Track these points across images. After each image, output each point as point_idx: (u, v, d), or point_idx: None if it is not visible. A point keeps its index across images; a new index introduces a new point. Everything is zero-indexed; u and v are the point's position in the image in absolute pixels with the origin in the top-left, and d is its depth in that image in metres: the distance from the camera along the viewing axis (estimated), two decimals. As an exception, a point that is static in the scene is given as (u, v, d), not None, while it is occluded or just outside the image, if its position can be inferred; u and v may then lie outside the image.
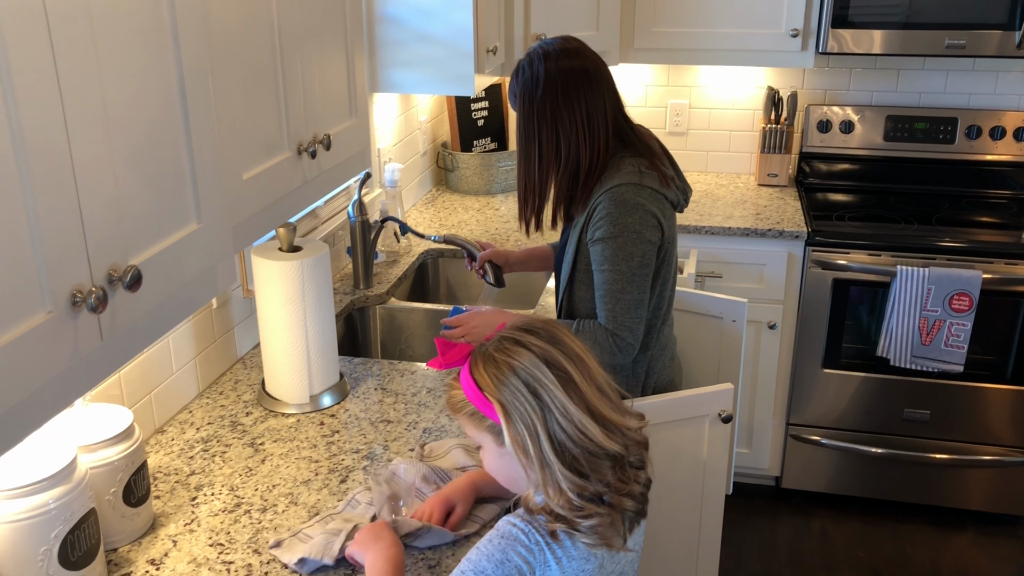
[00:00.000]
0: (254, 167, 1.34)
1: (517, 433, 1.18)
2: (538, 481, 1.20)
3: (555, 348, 1.21)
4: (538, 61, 1.83)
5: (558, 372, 1.19)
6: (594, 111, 1.82)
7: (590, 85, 1.82)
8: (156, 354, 1.73)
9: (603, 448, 1.19)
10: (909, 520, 3.12)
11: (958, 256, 2.82)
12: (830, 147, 3.36)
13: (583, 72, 1.82)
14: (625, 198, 1.78)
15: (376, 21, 2.61)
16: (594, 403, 1.20)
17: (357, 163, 1.77)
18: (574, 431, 1.18)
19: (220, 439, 1.72)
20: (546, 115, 1.81)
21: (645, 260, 1.80)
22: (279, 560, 1.38)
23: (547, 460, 1.18)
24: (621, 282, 1.79)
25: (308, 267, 1.74)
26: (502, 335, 1.24)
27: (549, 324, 1.26)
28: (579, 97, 1.80)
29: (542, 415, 1.17)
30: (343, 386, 1.89)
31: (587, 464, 1.18)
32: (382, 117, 2.82)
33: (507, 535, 1.20)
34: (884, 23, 2.90)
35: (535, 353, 1.20)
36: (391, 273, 2.56)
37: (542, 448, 1.17)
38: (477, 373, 1.22)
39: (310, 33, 1.48)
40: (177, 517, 1.49)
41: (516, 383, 1.18)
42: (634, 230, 1.78)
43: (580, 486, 1.18)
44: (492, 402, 1.19)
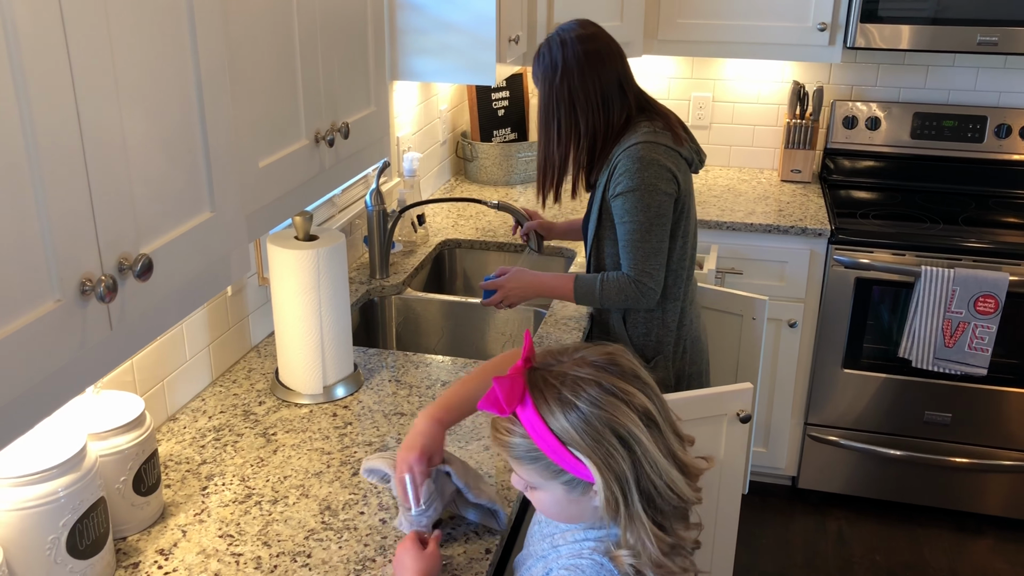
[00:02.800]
0: (271, 155, 1.32)
1: (611, 492, 1.08)
2: (621, 537, 1.12)
3: (626, 383, 1.10)
4: (556, 47, 2.00)
5: (637, 410, 1.09)
6: (609, 89, 1.99)
7: (603, 65, 1.98)
8: (170, 341, 1.72)
9: (686, 499, 1.11)
10: (927, 524, 3.07)
11: (984, 257, 2.77)
12: (856, 144, 3.31)
13: (596, 54, 1.98)
14: (641, 155, 1.93)
15: (397, 8, 2.59)
16: (674, 447, 1.12)
17: (375, 151, 1.74)
18: (662, 484, 1.09)
19: (232, 428, 1.71)
20: (564, 97, 1.98)
21: (662, 211, 1.95)
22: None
23: (638, 515, 1.09)
24: (641, 231, 1.94)
25: (324, 256, 1.72)
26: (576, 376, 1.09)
27: (613, 353, 1.14)
28: (594, 77, 1.97)
29: (633, 467, 1.07)
30: (357, 377, 1.87)
31: (672, 517, 1.12)
32: (402, 105, 2.79)
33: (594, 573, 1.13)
34: (914, 18, 2.84)
35: (617, 396, 1.08)
36: (408, 263, 2.54)
37: (633, 504, 1.08)
38: (554, 422, 1.08)
39: (330, 20, 1.46)
40: (187, 507, 1.48)
41: (603, 430, 1.06)
42: (651, 183, 1.92)
43: (664, 541, 1.10)
44: (582, 460, 1.07)
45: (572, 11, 2.88)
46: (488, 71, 2.59)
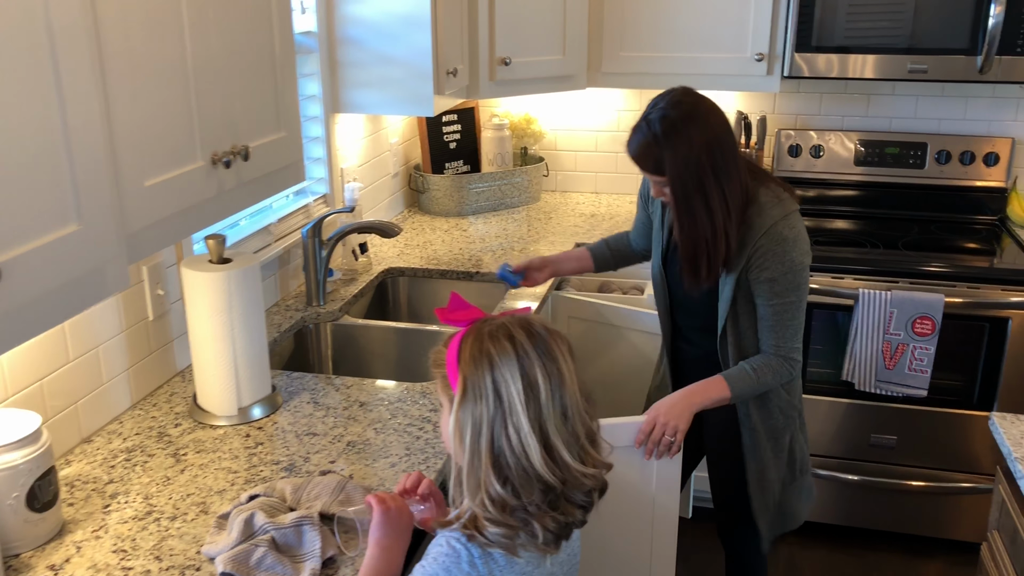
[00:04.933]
0: (160, 174, 1.36)
1: (461, 419, 1.19)
2: (463, 467, 1.20)
3: (540, 359, 1.18)
4: (682, 120, 1.84)
5: (528, 383, 1.17)
6: (734, 156, 1.88)
7: (729, 131, 1.90)
8: (84, 364, 1.75)
9: (538, 472, 1.17)
10: (878, 548, 3.07)
11: (920, 280, 2.81)
12: (801, 172, 3.36)
13: (722, 120, 1.89)
14: (784, 235, 1.88)
15: (338, 43, 2.65)
16: (549, 428, 1.18)
17: (288, 177, 1.78)
18: (518, 445, 1.17)
19: (145, 449, 1.73)
20: (707, 168, 1.84)
21: (806, 287, 1.94)
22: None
23: (478, 455, 1.18)
24: (791, 311, 1.92)
25: (235, 279, 1.75)
26: (503, 321, 1.22)
27: (551, 334, 1.22)
28: (729, 143, 1.88)
29: (493, 416, 1.17)
30: (275, 399, 1.90)
31: (517, 478, 1.18)
32: (346, 138, 2.85)
33: (448, 553, 1.19)
34: (847, 47, 2.91)
35: (518, 355, 1.18)
36: (347, 291, 2.57)
37: (480, 444, 1.17)
38: (464, 344, 1.21)
39: (228, 44, 1.50)
40: (86, 524, 1.50)
41: (486, 374, 1.18)
42: (798, 262, 1.90)
43: (501, 496, 1.17)
44: (459, 377, 1.19)
45: (514, 45, 2.95)
46: (427, 103, 2.65)
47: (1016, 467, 1.66)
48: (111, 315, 1.81)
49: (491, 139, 3.39)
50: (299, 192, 2.71)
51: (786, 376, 1.98)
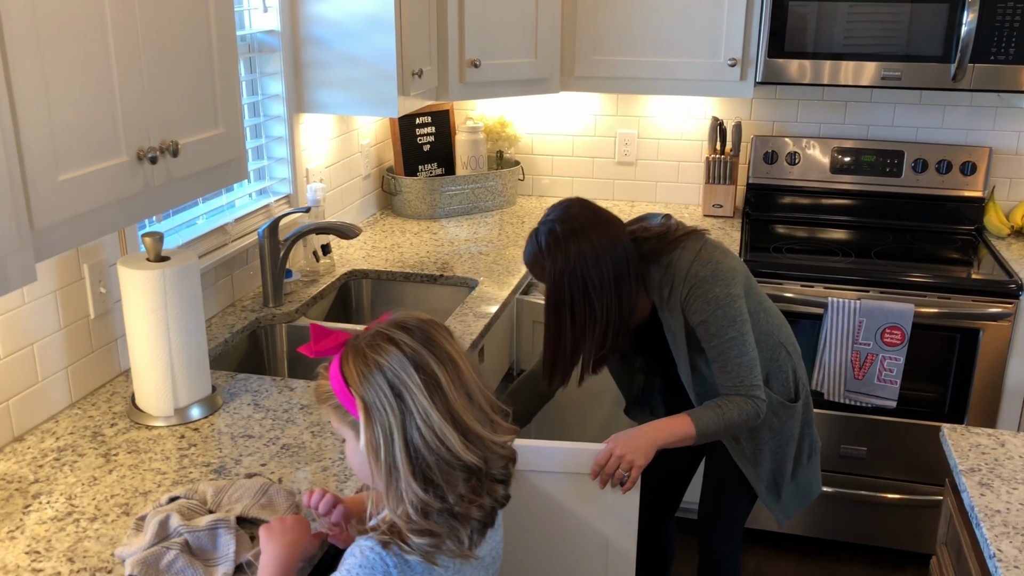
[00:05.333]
0: (76, 169, 1.33)
1: (373, 435, 1.17)
2: (381, 487, 1.18)
3: (427, 350, 1.19)
4: (560, 236, 1.84)
5: (425, 376, 1.17)
6: (619, 268, 1.85)
7: (613, 248, 1.85)
8: (18, 361, 1.72)
9: (459, 458, 1.17)
10: (848, 560, 3.03)
11: (891, 289, 2.77)
12: (776, 179, 3.33)
13: (608, 241, 1.85)
14: (700, 275, 1.86)
15: (302, 42, 2.64)
16: (458, 411, 1.18)
17: (229, 173, 1.76)
18: (432, 438, 1.16)
19: (76, 449, 1.70)
20: (577, 286, 1.84)
21: (742, 316, 1.88)
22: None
23: (396, 467, 1.16)
24: (735, 347, 1.87)
25: (171, 277, 1.73)
26: (377, 329, 1.21)
27: (426, 323, 1.23)
28: (606, 262, 1.84)
29: (401, 419, 1.16)
30: (214, 400, 1.87)
31: (440, 473, 1.17)
32: (312, 138, 2.82)
33: (363, 563, 1.17)
34: (820, 53, 2.88)
35: (405, 353, 1.17)
36: (306, 292, 2.55)
37: (395, 454, 1.16)
38: (346, 367, 1.19)
39: (157, 38, 1.48)
40: (3, 524, 1.47)
41: (381, 383, 1.16)
42: (723, 296, 1.86)
43: (424, 501, 1.16)
44: (355, 399, 1.17)
45: (484, 48, 2.93)
46: (391, 104, 2.62)
47: (961, 480, 1.63)
48: (48, 312, 1.79)
49: (465, 142, 3.37)
50: (261, 192, 2.68)
51: (752, 415, 1.89)
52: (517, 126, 3.53)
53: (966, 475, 1.64)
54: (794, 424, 2.11)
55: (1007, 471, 1.65)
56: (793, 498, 2.19)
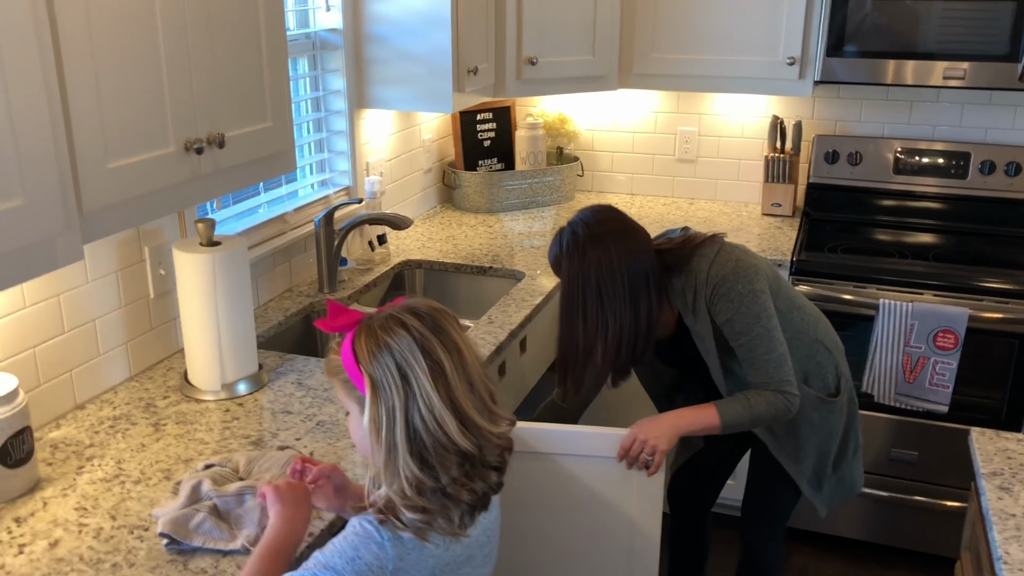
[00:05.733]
0: (126, 157, 1.44)
1: (377, 413, 1.22)
2: (380, 463, 1.25)
3: (435, 336, 1.24)
4: (581, 238, 1.87)
5: (431, 362, 1.22)
6: (636, 281, 1.86)
7: (633, 258, 1.86)
8: (80, 335, 1.86)
9: (455, 443, 1.23)
10: (896, 565, 2.99)
11: (945, 292, 2.73)
12: (837, 178, 3.30)
13: (629, 250, 1.87)
14: (721, 275, 1.88)
15: (363, 40, 2.74)
16: (459, 399, 1.24)
17: (277, 165, 1.86)
18: (432, 422, 1.22)
19: (130, 418, 1.84)
20: (592, 289, 1.86)
21: (768, 311, 1.89)
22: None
23: (395, 445, 1.22)
24: (762, 344, 1.88)
25: (220, 261, 1.84)
26: (390, 312, 1.27)
27: (436, 311, 1.29)
28: (624, 276, 1.85)
29: (405, 400, 1.22)
30: (260, 377, 1.98)
31: (435, 455, 1.23)
32: (374, 132, 2.93)
33: (359, 533, 1.24)
34: (879, 52, 2.85)
35: (414, 338, 1.23)
36: (360, 280, 2.65)
37: (395, 432, 1.22)
38: (358, 344, 1.25)
39: (204, 37, 1.59)
40: (59, 483, 1.60)
41: (389, 363, 1.22)
42: (747, 292, 1.87)
43: (419, 478, 1.22)
44: (364, 376, 1.23)
45: (542, 45, 2.99)
46: (445, 100, 2.71)
47: (981, 483, 1.62)
48: (110, 291, 1.93)
49: (525, 138, 3.43)
50: (322, 183, 2.80)
51: (783, 409, 1.90)
52: (577, 123, 3.57)
53: (987, 478, 1.63)
54: (836, 419, 2.11)
55: (1030, 476, 1.63)
56: (835, 490, 2.19)
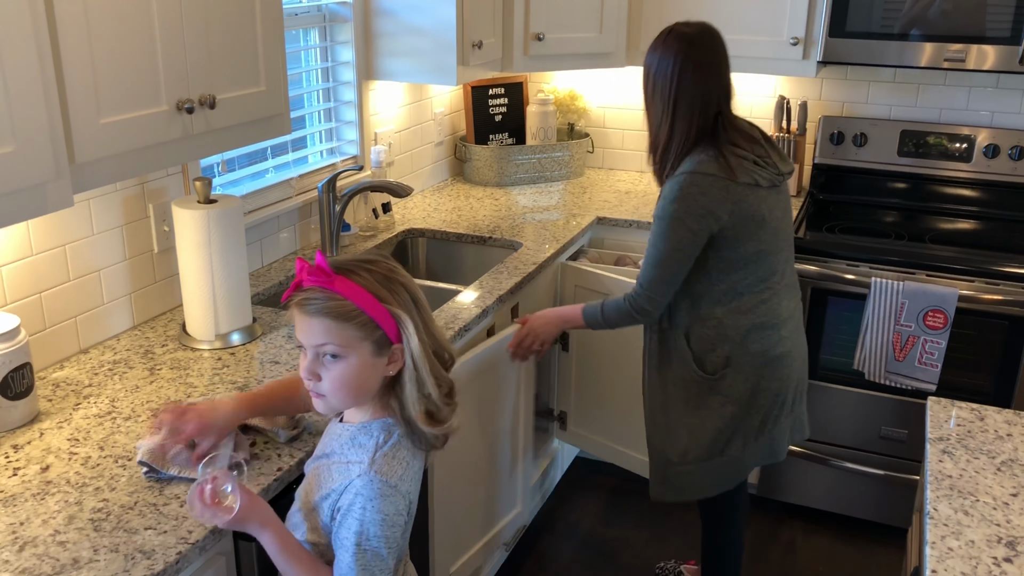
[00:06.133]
0: (118, 114, 1.55)
1: (410, 340, 1.32)
2: (407, 392, 1.35)
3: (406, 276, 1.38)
4: (670, 39, 2.08)
5: (417, 297, 1.37)
6: (704, 97, 2.06)
7: (706, 72, 2.06)
8: (84, 284, 1.99)
9: (451, 356, 1.42)
10: (885, 541, 3.04)
11: (938, 272, 2.76)
12: (842, 160, 3.33)
13: (705, 60, 2.07)
14: (679, 184, 2.04)
15: (372, 13, 2.84)
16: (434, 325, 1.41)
17: (271, 128, 1.96)
18: (435, 344, 1.38)
19: (128, 362, 1.96)
20: (667, 86, 2.06)
21: (680, 245, 2.05)
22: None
23: (420, 368, 1.33)
24: (653, 255, 2.10)
25: (214, 217, 1.95)
26: (364, 257, 1.35)
27: (386, 258, 1.40)
28: (688, 80, 2.05)
29: (424, 327, 1.35)
30: (253, 329, 2.09)
31: (440, 376, 1.39)
32: (384, 103, 3.03)
33: (373, 496, 1.31)
34: (881, 34, 2.87)
35: (404, 284, 1.36)
36: (363, 246, 2.76)
37: (425, 351, 1.34)
38: (370, 284, 1.30)
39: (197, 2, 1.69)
40: (56, 417, 1.73)
41: (406, 297, 1.34)
42: (673, 212, 2.04)
43: (437, 393, 1.37)
44: (389, 312, 1.31)
45: (549, 21, 3.05)
46: (450, 73, 2.80)
47: (928, 447, 1.68)
48: (114, 244, 2.05)
49: (535, 113, 3.51)
50: (331, 151, 2.91)
51: (625, 310, 2.16)
52: (589, 99, 3.64)
53: (932, 443, 1.68)
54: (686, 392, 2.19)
55: (975, 443, 1.68)
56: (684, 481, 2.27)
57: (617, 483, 3.33)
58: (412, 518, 1.41)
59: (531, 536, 3.02)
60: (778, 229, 2.13)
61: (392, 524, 1.33)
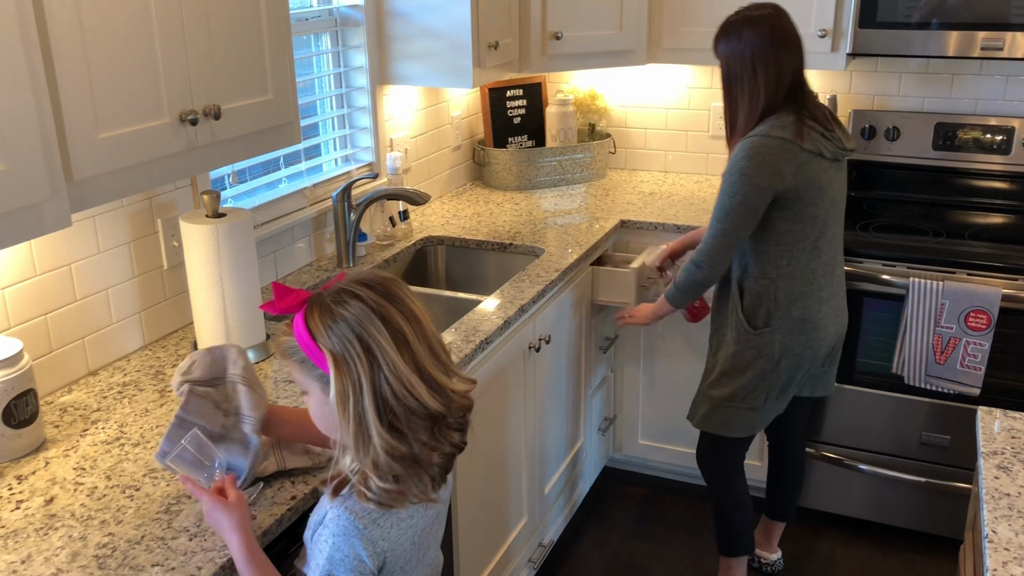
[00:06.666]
0: (117, 128, 1.48)
1: (343, 387, 1.21)
2: (348, 437, 1.24)
3: (391, 304, 1.24)
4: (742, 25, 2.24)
5: (392, 329, 1.22)
6: (784, 72, 2.20)
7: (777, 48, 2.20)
8: (92, 304, 1.92)
9: (426, 407, 1.23)
10: (928, 551, 2.92)
11: (979, 271, 2.64)
12: (874, 154, 3.21)
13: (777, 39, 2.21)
14: (749, 146, 2.17)
15: (386, 16, 2.76)
16: (424, 362, 1.25)
17: (281, 138, 1.89)
18: (400, 388, 1.22)
19: (138, 384, 1.89)
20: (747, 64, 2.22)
21: (747, 200, 2.17)
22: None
23: (365, 417, 1.22)
24: (721, 212, 2.22)
25: (223, 232, 1.88)
26: (340, 287, 1.26)
27: (387, 280, 1.29)
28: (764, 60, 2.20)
29: (371, 370, 1.21)
30: (267, 346, 2.02)
31: (405, 422, 1.23)
32: (399, 108, 2.95)
33: (337, 533, 1.25)
34: (912, 23, 2.76)
35: (370, 307, 1.22)
36: (380, 255, 2.68)
37: (363, 404, 1.21)
38: (312, 322, 1.23)
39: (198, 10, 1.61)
40: (62, 444, 1.66)
41: (348, 335, 1.21)
42: (743, 168, 2.16)
43: (392, 446, 1.22)
44: (324, 352, 1.22)
45: (567, 20, 2.97)
46: (466, 75, 2.71)
47: (980, 462, 1.57)
48: (122, 261, 1.98)
49: (555, 114, 3.42)
50: (346, 159, 2.83)
51: (690, 269, 2.32)
52: (609, 99, 3.54)
53: (986, 457, 1.58)
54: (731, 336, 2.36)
55: (1032, 456, 1.58)
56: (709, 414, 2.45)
57: (649, 493, 3.24)
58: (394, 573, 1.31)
59: (558, 552, 2.93)
60: (834, 201, 2.27)
61: (351, 569, 1.24)
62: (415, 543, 1.32)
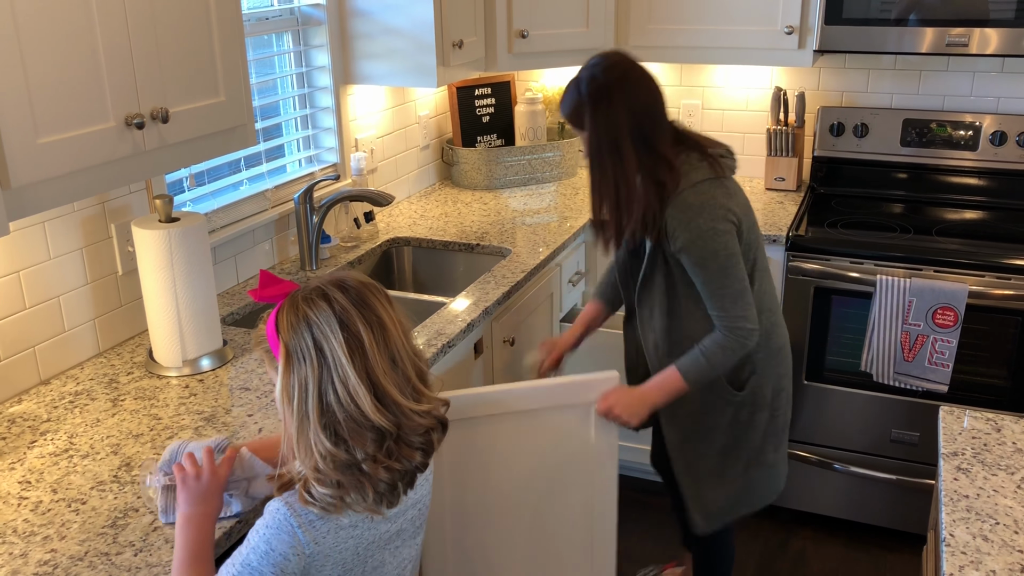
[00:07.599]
0: (59, 132, 1.45)
1: (289, 383, 1.22)
2: (292, 434, 1.23)
3: (357, 310, 1.22)
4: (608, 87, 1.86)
5: (349, 335, 1.21)
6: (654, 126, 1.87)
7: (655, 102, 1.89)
8: (43, 312, 1.88)
9: (369, 420, 1.21)
10: (898, 548, 2.92)
11: (946, 268, 2.63)
12: (843, 151, 3.20)
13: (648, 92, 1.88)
14: (689, 202, 1.86)
15: (348, 15, 2.72)
16: (377, 374, 1.22)
17: (233, 140, 1.85)
18: (345, 396, 1.20)
19: (91, 393, 1.85)
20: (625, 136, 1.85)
21: (728, 248, 1.86)
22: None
23: (307, 417, 1.21)
24: (717, 279, 1.87)
25: (176, 237, 1.84)
26: (317, 284, 1.26)
27: (365, 286, 1.27)
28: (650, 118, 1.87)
29: (319, 373, 1.20)
30: (224, 353, 1.98)
31: (348, 430, 1.21)
32: (365, 108, 2.91)
33: (270, 525, 1.24)
34: (879, 20, 2.75)
35: (334, 311, 1.21)
36: (345, 258, 2.65)
37: (307, 404, 1.21)
38: (280, 315, 1.25)
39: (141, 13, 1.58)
40: (9, 457, 1.62)
41: (306, 335, 1.21)
42: (706, 228, 1.85)
43: (331, 452, 1.21)
44: (281, 346, 1.23)
45: (533, 18, 2.94)
46: (430, 74, 2.68)
47: (942, 463, 1.56)
48: (74, 267, 1.94)
49: (524, 113, 3.39)
50: (309, 160, 2.80)
51: (736, 348, 1.89)
52: (579, 97, 3.51)
53: (946, 459, 1.57)
54: (721, 416, 2.04)
55: (992, 457, 1.56)
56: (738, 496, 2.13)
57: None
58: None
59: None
60: (754, 234, 2.01)
61: (273, 564, 1.22)
62: (358, 554, 1.29)
